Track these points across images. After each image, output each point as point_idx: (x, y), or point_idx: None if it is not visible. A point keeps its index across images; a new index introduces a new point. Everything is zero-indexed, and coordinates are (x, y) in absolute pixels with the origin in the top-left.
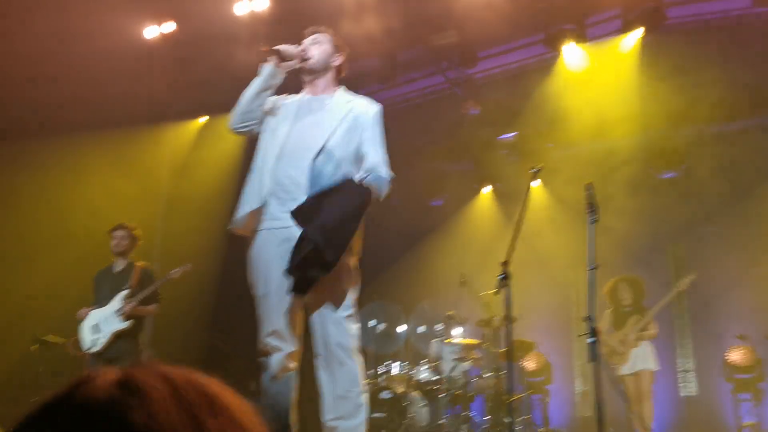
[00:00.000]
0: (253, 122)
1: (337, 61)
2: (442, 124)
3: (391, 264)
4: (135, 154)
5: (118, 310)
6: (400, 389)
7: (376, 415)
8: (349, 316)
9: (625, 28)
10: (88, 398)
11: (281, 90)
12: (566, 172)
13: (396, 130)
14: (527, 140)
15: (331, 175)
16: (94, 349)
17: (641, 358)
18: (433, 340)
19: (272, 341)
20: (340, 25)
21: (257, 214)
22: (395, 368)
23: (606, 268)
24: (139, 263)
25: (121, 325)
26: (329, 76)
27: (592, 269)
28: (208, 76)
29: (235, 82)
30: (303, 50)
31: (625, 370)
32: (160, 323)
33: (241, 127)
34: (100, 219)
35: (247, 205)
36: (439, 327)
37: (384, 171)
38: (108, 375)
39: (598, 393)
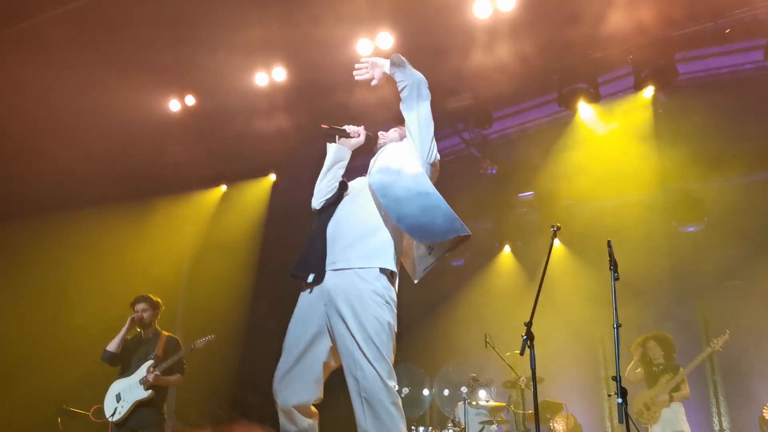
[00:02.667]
0: (329, 198)
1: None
2: (461, 184)
3: (414, 326)
4: (158, 224)
5: (141, 380)
6: None
7: None
8: None
9: (637, 86)
10: None
11: None
12: (586, 229)
13: None
14: (545, 198)
15: (394, 183)
16: (116, 418)
17: (673, 420)
18: (459, 403)
19: None
20: (356, 93)
21: None
22: None
23: (633, 325)
24: (165, 332)
25: (143, 394)
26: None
27: (618, 328)
28: (228, 145)
29: (254, 151)
30: (365, 131)
31: (656, 430)
32: (187, 389)
33: (319, 205)
34: (126, 288)
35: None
36: (464, 390)
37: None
38: None
39: None
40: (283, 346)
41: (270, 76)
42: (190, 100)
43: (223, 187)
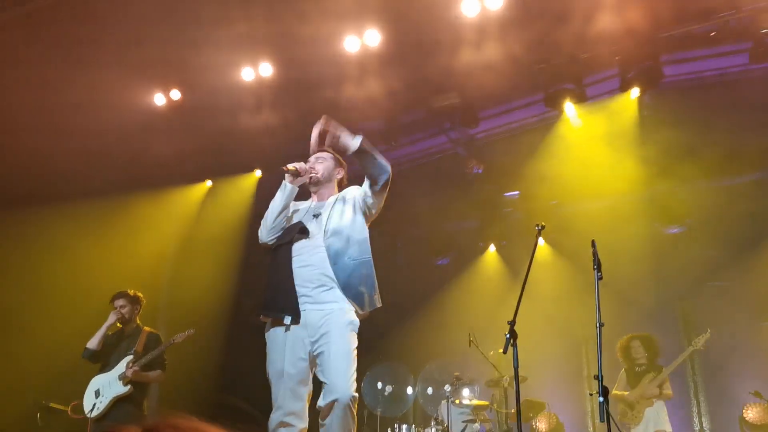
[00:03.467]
0: (280, 233)
1: (340, 174)
2: (446, 183)
3: (398, 325)
4: (142, 219)
5: (120, 375)
6: None
7: None
8: None
9: (623, 87)
10: None
11: None
12: (571, 229)
13: (400, 191)
14: (531, 198)
15: (344, 250)
16: (95, 414)
17: (655, 420)
18: (442, 402)
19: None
20: (344, 89)
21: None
22: (404, 431)
23: (616, 326)
24: (147, 328)
25: (122, 389)
26: (332, 186)
27: (600, 327)
28: (213, 141)
29: (240, 147)
30: (311, 168)
31: (639, 430)
32: (168, 386)
33: (270, 240)
34: (109, 283)
35: (277, 307)
36: (447, 388)
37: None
38: None
39: None
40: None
41: (256, 71)
42: (176, 94)
43: (209, 183)
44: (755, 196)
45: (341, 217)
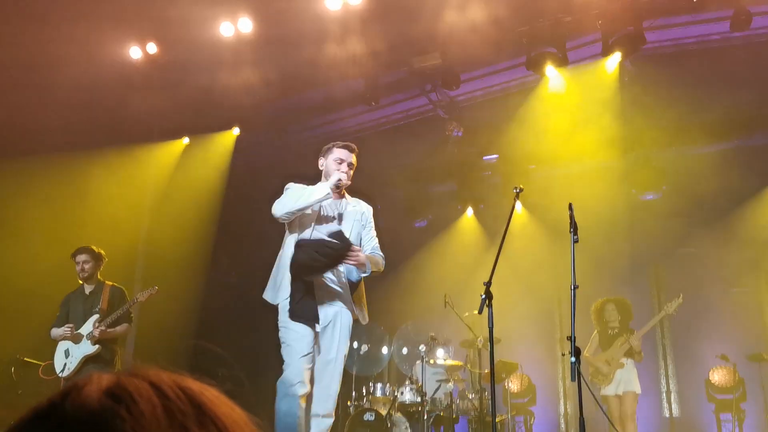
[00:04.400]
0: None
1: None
2: (426, 145)
3: (375, 285)
4: (118, 175)
5: (88, 335)
6: (383, 411)
7: None
8: None
9: (605, 51)
10: (77, 407)
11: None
12: (549, 193)
13: (380, 151)
14: (510, 162)
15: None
16: (65, 374)
17: (626, 381)
18: (417, 362)
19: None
20: (325, 47)
21: None
22: (379, 390)
23: (590, 289)
24: (109, 282)
25: (91, 349)
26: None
27: (575, 289)
28: (191, 97)
29: (217, 104)
30: (347, 179)
31: (609, 390)
32: (145, 341)
33: (286, 220)
34: (86, 238)
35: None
36: (422, 348)
37: (380, 251)
38: (99, 382)
39: (581, 413)
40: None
41: (236, 27)
42: (152, 48)
43: (185, 140)
44: (730, 165)
45: (356, 234)
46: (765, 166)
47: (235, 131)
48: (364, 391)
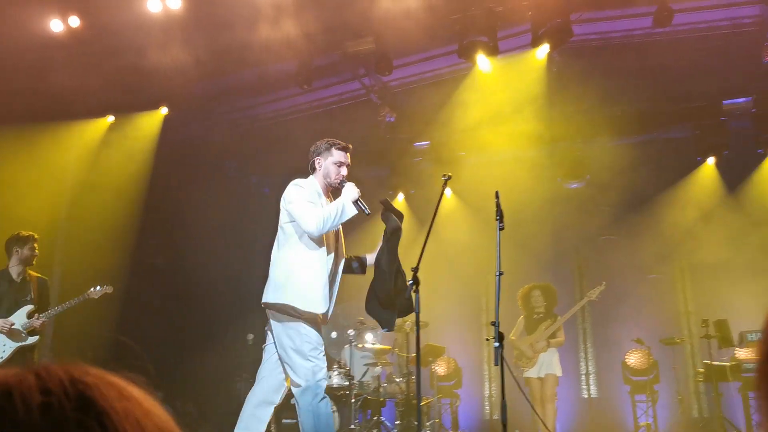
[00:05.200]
0: None
1: None
2: (358, 130)
3: None
4: (38, 153)
5: (24, 325)
6: None
7: (287, 421)
8: None
9: (535, 42)
10: None
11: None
12: (477, 181)
13: (312, 135)
14: (441, 148)
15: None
16: None
17: (548, 364)
18: (345, 346)
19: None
20: (257, 29)
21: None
22: None
23: (516, 276)
24: (35, 273)
25: (30, 339)
26: None
27: (500, 275)
28: (116, 73)
29: (144, 82)
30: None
31: (532, 373)
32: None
33: (320, 234)
34: (2, 219)
35: (322, 303)
36: (351, 332)
37: None
38: None
39: (503, 396)
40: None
41: (164, 2)
42: (74, 21)
43: (110, 118)
44: (650, 156)
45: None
46: (682, 158)
47: (163, 111)
48: None
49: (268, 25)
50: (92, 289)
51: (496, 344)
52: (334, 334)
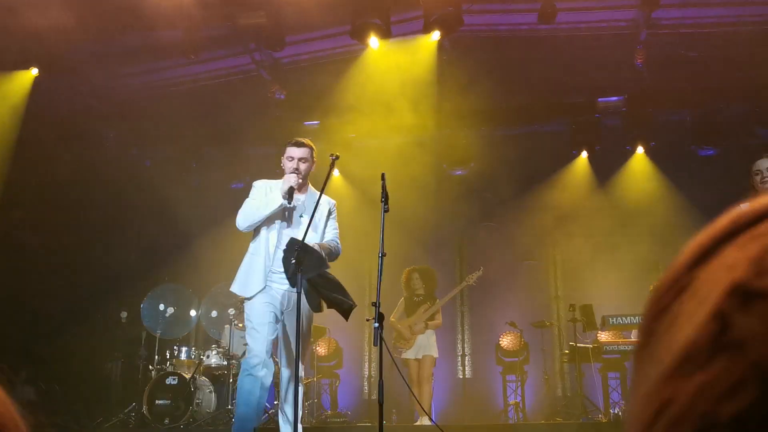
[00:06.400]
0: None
1: (313, 168)
2: (247, 106)
3: (186, 247)
4: None
5: None
6: (187, 374)
7: (161, 402)
8: None
9: (426, 28)
10: None
11: None
12: (364, 163)
13: (198, 109)
14: (330, 129)
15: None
16: None
17: (425, 345)
18: (225, 326)
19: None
20: None
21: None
22: (184, 353)
23: (398, 258)
24: None
25: None
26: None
27: (382, 257)
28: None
29: (11, 38)
30: (300, 176)
31: (410, 354)
32: None
33: (248, 230)
34: None
35: (256, 285)
36: (231, 312)
37: (339, 243)
38: None
39: (381, 376)
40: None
41: None
42: None
43: None
44: (530, 148)
45: (315, 229)
46: (558, 151)
47: (34, 71)
48: (168, 354)
49: None
50: None
51: (375, 325)
52: (214, 313)
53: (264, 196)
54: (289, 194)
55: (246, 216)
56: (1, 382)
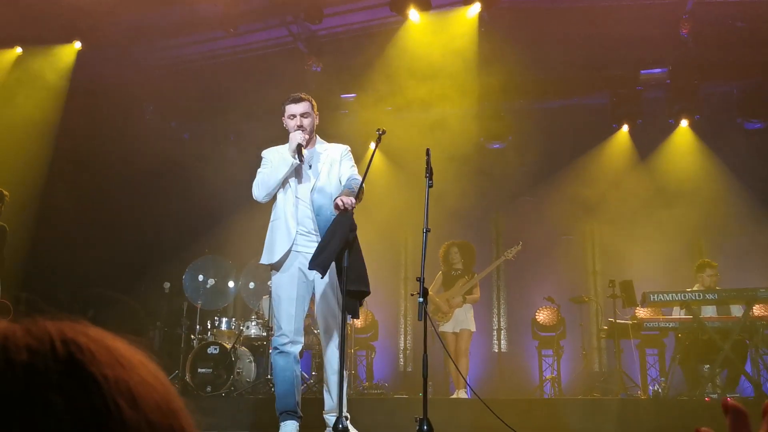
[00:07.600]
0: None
1: (317, 120)
2: (283, 79)
3: (225, 219)
4: None
5: None
6: (228, 344)
7: (203, 370)
8: None
9: (466, 1)
10: None
11: None
12: (402, 137)
13: (235, 81)
14: (367, 103)
15: (327, 206)
16: None
17: (463, 319)
18: (264, 297)
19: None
20: None
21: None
22: (224, 324)
23: (437, 233)
24: None
25: None
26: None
27: (426, 232)
28: (27, 3)
29: (58, 14)
30: (305, 132)
31: (447, 328)
32: None
33: (267, 199)
34: None
35: (282, 247)
36: (270, 283)
37: (358, 177)
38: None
39: (425, 350)
40: None
41: None
42: None
43: (18, 50)
44: (569, 122)
45: (328, 176)
46: (598, 125)
47: (77, 45)
48: (209, 324)
49: None
50: None
51: (420, 299)
52: (252, 285)
53: (275, 162)
54: (298, 152)
55: (260, 184)
56: None
